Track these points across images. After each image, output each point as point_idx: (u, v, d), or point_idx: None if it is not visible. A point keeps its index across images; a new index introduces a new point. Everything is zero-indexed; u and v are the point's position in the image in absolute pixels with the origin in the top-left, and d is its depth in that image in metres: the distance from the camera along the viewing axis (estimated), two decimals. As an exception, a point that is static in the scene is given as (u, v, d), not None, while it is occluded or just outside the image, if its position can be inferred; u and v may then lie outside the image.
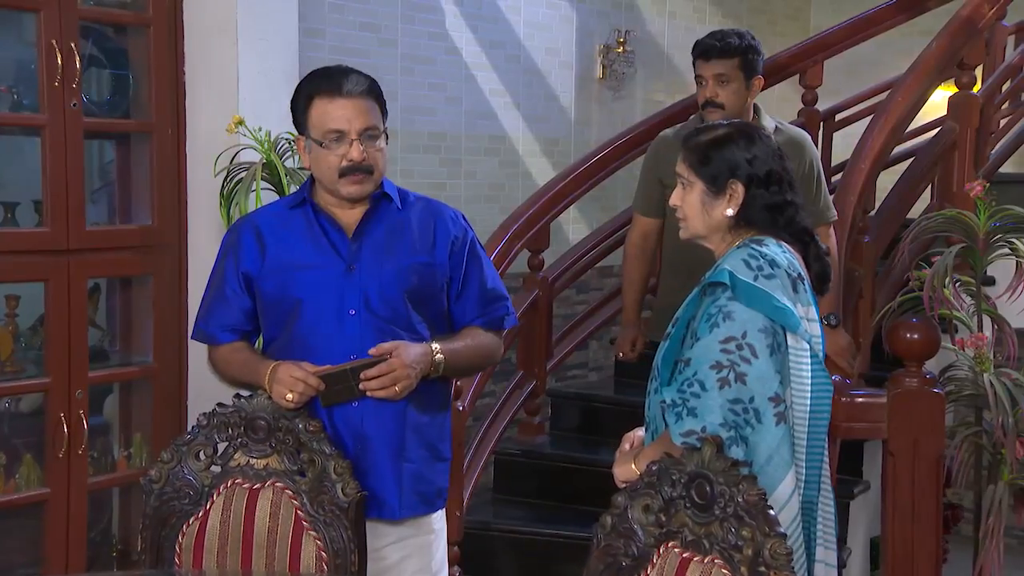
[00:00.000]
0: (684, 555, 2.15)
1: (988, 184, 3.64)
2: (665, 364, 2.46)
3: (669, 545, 2.17)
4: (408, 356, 2.67)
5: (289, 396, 2.62)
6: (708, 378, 2.30)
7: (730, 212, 2.47)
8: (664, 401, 2.36)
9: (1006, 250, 3.58)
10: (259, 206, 3.52)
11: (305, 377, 2.63)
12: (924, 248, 3.98)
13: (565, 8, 5.85)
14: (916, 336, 3.35)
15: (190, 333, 3.05)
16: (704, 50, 3.75)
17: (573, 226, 5.75)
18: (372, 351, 2.66)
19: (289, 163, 3.72)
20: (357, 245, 2.77)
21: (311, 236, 2.79)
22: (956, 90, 4.59)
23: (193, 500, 2.56)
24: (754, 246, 2.42)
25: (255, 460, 2.56)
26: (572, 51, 5.91)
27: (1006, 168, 4.94)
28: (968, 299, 3.66)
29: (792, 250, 2.47)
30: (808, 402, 2.38)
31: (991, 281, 4.03)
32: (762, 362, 2.30)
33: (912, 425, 3.34)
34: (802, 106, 5.07)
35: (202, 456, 2.58)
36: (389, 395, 2.66)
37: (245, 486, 2.56)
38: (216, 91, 3.98)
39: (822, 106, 5.18)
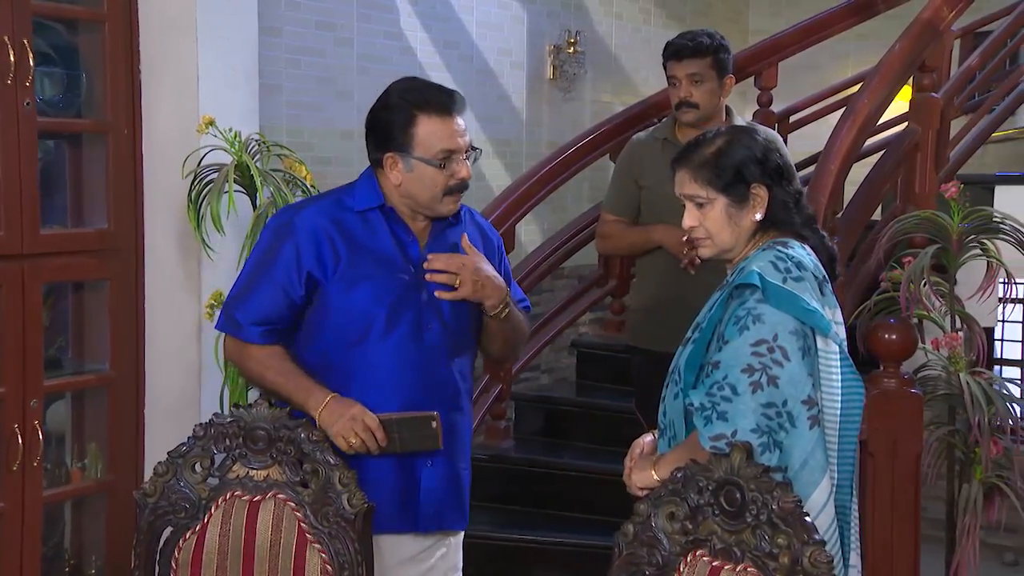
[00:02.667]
0: (714, 564, 2.10)
1: (963, 186, 3.68)
2: (689, 368, 2.39)
3: (697, 553, 2.12)
4: (482, 264, 2.69)
5: (354, 441, 2.56)
6: (740, 382, 2.25)
7: (758, 217, 2.42)
8: (691, 404, 2.30)
9: (978, 251, 3.61)
10: (231, 209, 3.43)
11: (375, 428, 2.57)
12: (890, 250, 4.00)
13: (516, 8, 5.81)
14: (894, 337, 3.39)
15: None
16: (676, 50, 3.73)
17: (525, 228, 5.70)
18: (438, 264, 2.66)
19: (259, 165, 3.61)
20: (428, 254, 2.71)
21: (386, 246, 2.69)
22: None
23: (190, 514, 2.46)
24: (780, 248, 2.38)
25: (255, 471, 2.47)
26: (523, 51, 5.88)
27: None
28: (938, 300, 3.68)
29: (812, 250, 2.44)
30: (839, 405, 2.34)
31: (953, 282, 4.06)
32: (794, 365, 2.26)
33: (891, 426, 3.38)
34: (757, 107, 5.09)
35: (198, 468, 2.48)
36: (449, 281, 2.64)
37: (245, 498, 2.46)
38: (175, 90, 3.86)
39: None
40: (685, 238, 3.54)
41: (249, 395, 3.65)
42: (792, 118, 5.50)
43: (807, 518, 2.03)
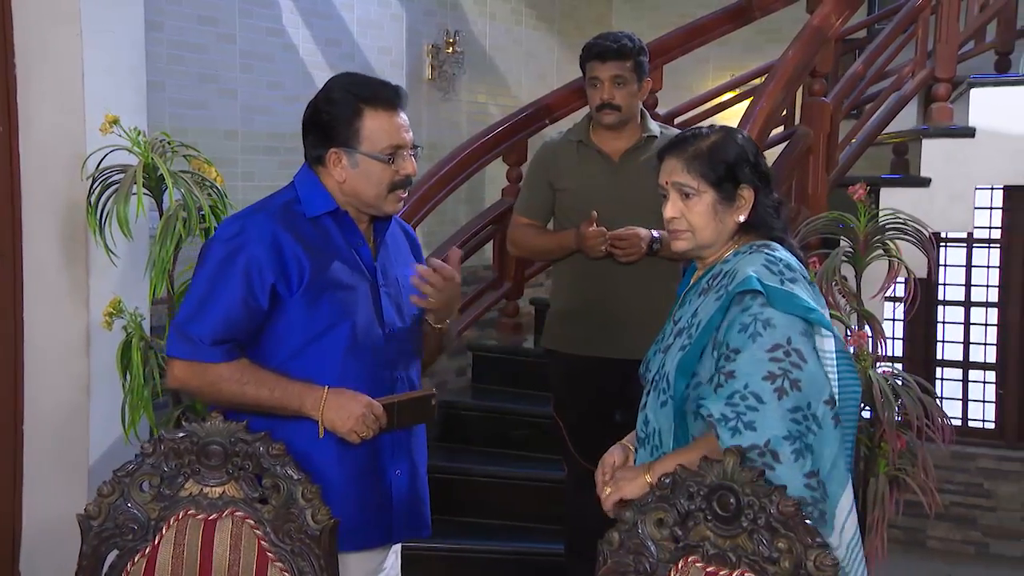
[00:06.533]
0: (708, 570, 2.06)
1: (869, 187, 3.77)
2: (682, 374, 2.32)
3: (689, 560, 2.08)
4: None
5: (367, 435, 2.50)
6: (764, 390, 2.19)
7: (742, 218, 2.40)
8: (710, 415, 2.22)
9: (881, 251, 3.70)
10: (140, 212, 3.25)
11: (380, 416, 2.51)
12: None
13: (395, 6, 5.71)
14: (809, 336, 3.42)
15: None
16: (600, 52, 3.70)
17: (409, 231, 5.63)
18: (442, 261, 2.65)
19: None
20: (377, 259, 2.65)
21: (344, 253, 2.59)
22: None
23: (138, 535, 2.30)
24: (767, 251, 2.35)
25: (209, 488, 2.32)
26: (402, 50, 5.79)
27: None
28: (843, 299, 3.76)
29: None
30: (838, 400, 2.29)
31: (843, 280, 4.16)
32: (812, 365, 2.22)
33: (809, 422, 3.41)
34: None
35: (147, 487, 2.31)
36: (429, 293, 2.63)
37: (199, 517, 2.32)
38: (56, 86, 3.64)
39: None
40: (603, 241, 3.54)
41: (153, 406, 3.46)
42: (676, 120, 5.56)
43: (808, 521, 2.00)
